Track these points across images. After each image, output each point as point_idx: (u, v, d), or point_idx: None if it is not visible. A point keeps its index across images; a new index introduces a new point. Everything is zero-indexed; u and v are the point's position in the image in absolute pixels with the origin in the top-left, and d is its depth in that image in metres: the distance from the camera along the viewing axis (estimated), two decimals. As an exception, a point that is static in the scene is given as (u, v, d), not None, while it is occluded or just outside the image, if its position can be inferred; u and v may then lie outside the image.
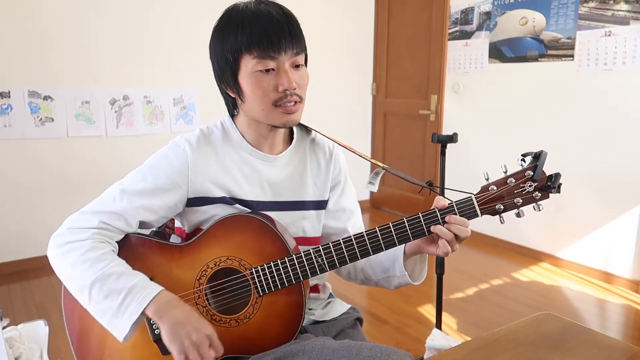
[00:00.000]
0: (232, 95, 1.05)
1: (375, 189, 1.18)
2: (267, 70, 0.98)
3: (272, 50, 0.96)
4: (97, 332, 1.02)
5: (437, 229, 0.94)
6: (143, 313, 0.90)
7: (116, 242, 1.02)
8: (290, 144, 1.14)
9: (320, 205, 1.16)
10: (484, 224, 0.98)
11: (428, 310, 2.64)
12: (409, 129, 4.35)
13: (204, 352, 0.89)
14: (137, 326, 0.92)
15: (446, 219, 0.94)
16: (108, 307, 0.91)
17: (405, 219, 0.96)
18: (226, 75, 1.02)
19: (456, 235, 0.93)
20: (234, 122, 1.10)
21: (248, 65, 0.98)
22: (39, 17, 3.03)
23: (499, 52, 3.50)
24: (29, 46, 3.02)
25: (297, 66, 1.01)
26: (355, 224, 1.20)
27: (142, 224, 1.04)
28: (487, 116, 3.66)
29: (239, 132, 1.09)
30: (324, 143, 1.19)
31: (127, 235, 1.03)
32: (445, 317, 2.51)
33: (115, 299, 0.90)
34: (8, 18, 2.94)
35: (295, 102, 1.01)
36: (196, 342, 0.88)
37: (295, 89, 1.00)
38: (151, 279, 0.97)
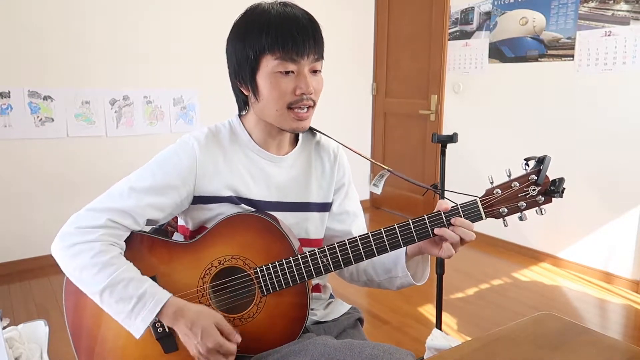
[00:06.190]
0: (246, 93, 1.05)
1: (379, 191, 1.19)
2: (287, 73, 0.98)
3: (296, 53, 0.97)
4: (98, 329, 1.02)
5: (442, 231, 0.94)
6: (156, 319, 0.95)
7: (124, 241, 1.02)
8: (296, 145, 1.14)
9: (324, 207, 1.16)
10: (484, 224, 0.99)
11: (428, 310, 2.64)
12: (409, 129, 4.35)
13: (224, 350, 0.94)
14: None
15: (452, 221, 0.95)
16: (120, 310, 0.94)
17: (410, 221, 0.96)
18: (244, 72, 1.02)
19: (461, 239, 0.94)
20: (242, 122, 1.11)
21: (269, 66, 0.98)
22: (38, 17, 3.03)
23: (499, 52, 3.50)
24: (29, 46, 3.02)
25: (315, 71, 1.02)
26: (359, 226, 1.20)
27: (149, 221, 1.04)
28: (487, 116, 3.66)
29: (247, 131, 1.09)
30: (329, 146, 1.19)
31: (131, 233, 1.03)
32: (445, 317, 2.51)
33: (127, 305, 0.93)
34: (8, 18, 2.94)
35: (308, 108, 1.02)
36: (211, 349, 0.93)
37: (311, 93, 1.01)
38: (153, 278, 0.98)
